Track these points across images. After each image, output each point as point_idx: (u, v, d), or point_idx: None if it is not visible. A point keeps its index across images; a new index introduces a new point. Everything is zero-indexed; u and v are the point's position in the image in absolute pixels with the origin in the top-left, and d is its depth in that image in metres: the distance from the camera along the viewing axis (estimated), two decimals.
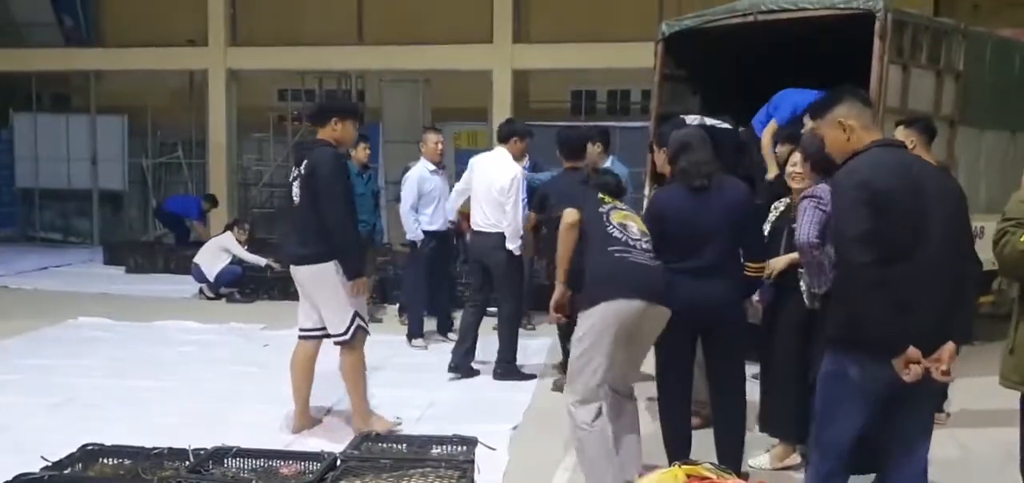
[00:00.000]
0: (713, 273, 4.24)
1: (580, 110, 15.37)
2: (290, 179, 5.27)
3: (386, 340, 7.95)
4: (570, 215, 4.32)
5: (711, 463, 3.78)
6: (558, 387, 6.25)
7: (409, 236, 7.96)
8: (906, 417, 3.31)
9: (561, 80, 15.24)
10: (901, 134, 5.46)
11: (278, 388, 6.25)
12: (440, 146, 7.96)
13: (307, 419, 5.42)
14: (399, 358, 7.34)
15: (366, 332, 5.25)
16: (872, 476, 3.69)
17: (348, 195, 5.12)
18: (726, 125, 6.54)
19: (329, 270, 5.03)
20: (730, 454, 4.30)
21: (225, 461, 4.14)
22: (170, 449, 4.22)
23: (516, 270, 6.71)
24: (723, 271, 4.26)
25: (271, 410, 5.72)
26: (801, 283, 4.48)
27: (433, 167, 7.87)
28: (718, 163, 4.43)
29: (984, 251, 7.42)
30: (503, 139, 6.79)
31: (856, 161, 3.25)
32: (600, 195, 4.40)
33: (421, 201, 7.78)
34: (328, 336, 5.24)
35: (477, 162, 6.87)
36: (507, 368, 6.63)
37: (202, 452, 4.17)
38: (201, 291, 10.25)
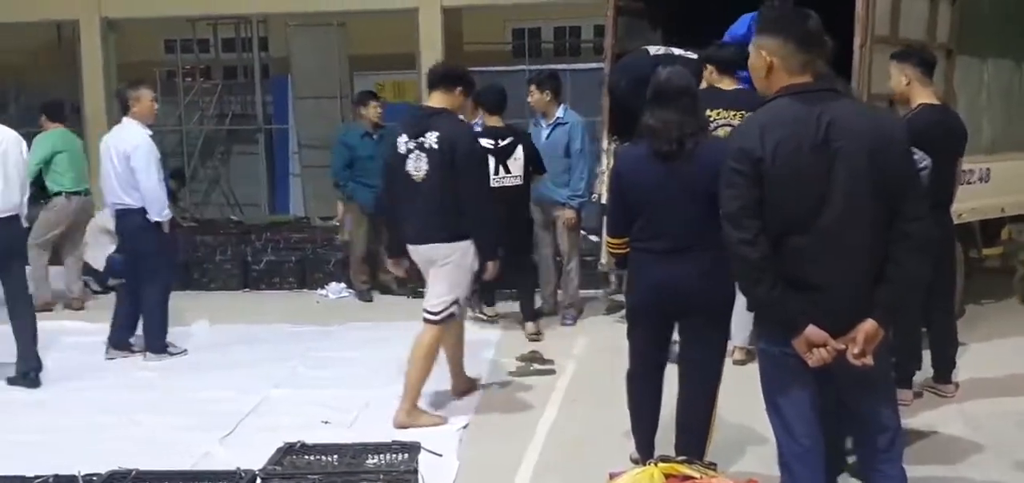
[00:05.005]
0: (685, 252, 4.27)
1: (523, 51, 15.32)
2: (402, 150, 5.46)
3: (311, 331, 7.96)
4: None
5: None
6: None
7: None
8: (855, 396, 3.39)
9: (500, 17, 15.17)
10: (893, 70, 5.56)
11: (180, 396, 6.20)
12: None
13: (464, 381, 6.02)
14: (329, 352, 7.30)
15: (457, 320, 5.66)
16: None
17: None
18: (692, 56, 6.62)
19: (455, 249, 5.41)
20: (688, 448, 4.34)
21: None
22: (56, 476, 4.14)
23: None
24: (698, 249, 4.22)
25: (173, 422, 5.66)
26: None
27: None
28: (699, 120, 4.43)
29: (978, 198, 7.59)
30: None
31: (750, 119, 3.36)
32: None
33: None
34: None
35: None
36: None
37: (95, 478, 4.09)
38: (86, 284, 10.02)
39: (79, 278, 9.32)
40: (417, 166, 5.39)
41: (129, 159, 6.82)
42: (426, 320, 5.50)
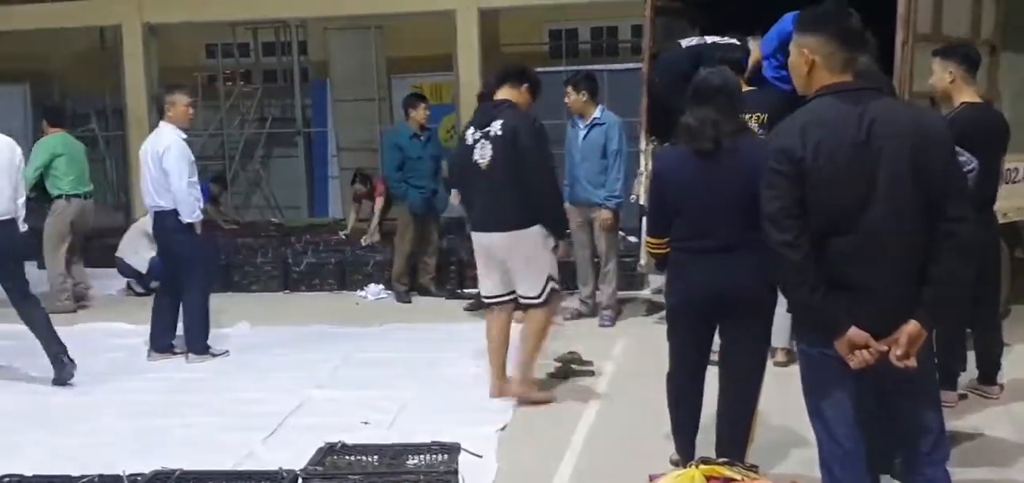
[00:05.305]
0: (726, 253, 4.22)
1: (560, 52, 15.28)
2: (470, 141, 5.77)
3: (351, 332, 8.00)
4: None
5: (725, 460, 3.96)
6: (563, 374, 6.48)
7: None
8: (897, 398, 3.35)
9: (537, 18, 15.13)
10: (937, 67, 5.50)
11: (223, 397, 6.26)
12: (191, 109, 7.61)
13: (505, 383, 6.01)
14: (369, 353, 7.33)
15: (559, 293, 6.00)
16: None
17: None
18: (733, 41, 6.57)
19: (530, 235, 5.66)
20: (729, 450, 4.31)
21: None
22: (101, 476, 4.18)
23: None
24: (739, 249, 4.17)
25: (216, 423, 5.71)
26: None
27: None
28: (737, 119, 4.39)
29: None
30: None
31: (791, 119, 3.34)
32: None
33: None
34: (511, 298, 5.91)
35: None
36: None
37: (139, 478, 4.14)
38: (128, 286, 10.16)
39: (83, 275, 9.68)
40: (483, 153, 5.67)
41: (161, 161, 6.93)
42: (532, 306, 5.80)
